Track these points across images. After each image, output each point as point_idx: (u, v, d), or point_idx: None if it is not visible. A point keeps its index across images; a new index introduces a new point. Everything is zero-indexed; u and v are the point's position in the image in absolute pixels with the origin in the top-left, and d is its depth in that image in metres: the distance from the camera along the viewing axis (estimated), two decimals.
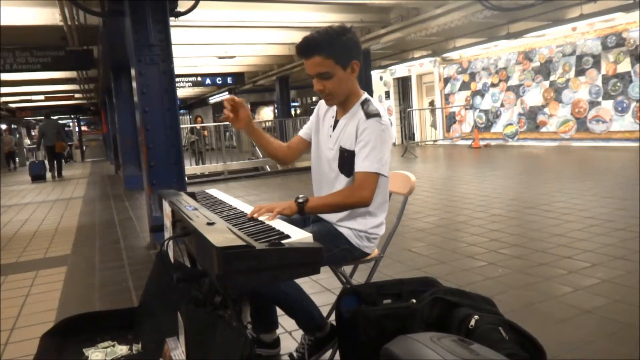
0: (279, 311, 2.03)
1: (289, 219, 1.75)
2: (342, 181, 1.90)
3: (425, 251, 3.75)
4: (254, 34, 9.54)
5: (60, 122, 18.30)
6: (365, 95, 1.92)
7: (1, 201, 8.88)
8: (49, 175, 13.24)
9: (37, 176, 12.90)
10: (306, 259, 1.29)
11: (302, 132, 2.12)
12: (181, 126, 5.14)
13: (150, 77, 4.34)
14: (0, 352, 2.52)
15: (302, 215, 1.80)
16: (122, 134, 9.86)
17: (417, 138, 15.50)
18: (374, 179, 1.77)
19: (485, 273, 3.15)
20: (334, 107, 2.00)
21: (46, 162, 13.96)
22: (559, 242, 3.66)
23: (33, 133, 32.57)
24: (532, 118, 11.81)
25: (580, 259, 3.26)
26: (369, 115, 1.82)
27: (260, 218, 1.67)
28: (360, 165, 1.78)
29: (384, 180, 1.87)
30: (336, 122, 1.95)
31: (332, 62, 1.77)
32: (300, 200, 1.75)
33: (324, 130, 2.01)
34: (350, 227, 1.91)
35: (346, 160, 1.87)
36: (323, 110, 2.06)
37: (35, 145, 18.17)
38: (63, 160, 14.57)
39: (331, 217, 1.95)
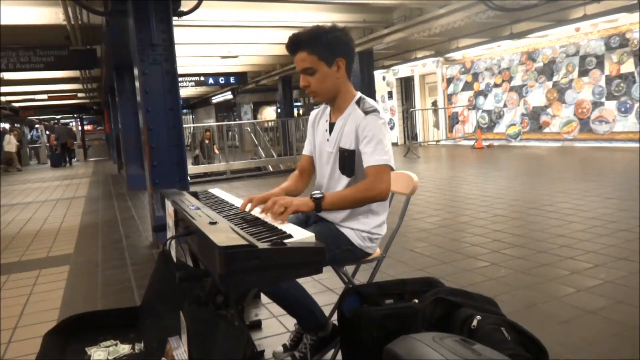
0: (279, 310, 2.04)
1: (291, 219, 1.75)
2: (343, 182, 1.91)
3: (427, 251, 3.75)
4: (257, 33, 9.55)
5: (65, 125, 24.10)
6: (359, 94, 1.94)
7: (5, 200, 8.90)
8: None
9: (56, 163, 18.86)
10: (308, 259, 1.29)
11: (306, 150, 2.13)
12: (184, 126, 5.15)
13: (153, 77, 4.34)
14: (3, 350, 2.53)
15: (318, 212, 1.77)
16: (125, 134, 9.87)
17: (420, 138, 15.49)
18: (387, 171, 1.78)
19: (487, 273, 3.15)
20: (327, 112, 2.02)
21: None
22: (561, 243, 3.66)
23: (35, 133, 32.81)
24: (535, 118, 11.79)
25: (583, 260, 3.25)
26: (367, 111, 1.84)
27: (266, 217, 1.65)
28: (370, 159, 1.78)
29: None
30: (331, 124, 1.96)
31: (315, 58, 1.80)
32: (317, 196, 1.72)
33: (319, 136, 2.03)
34: (352, 227, 1.91)
35: (347, 160, 1.87)
36: (314, 119, 2.10)
37: (39, 145, 22.95)
38: (72, 153, 20.77)
39: (334, 218, 1.95)
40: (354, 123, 1.85)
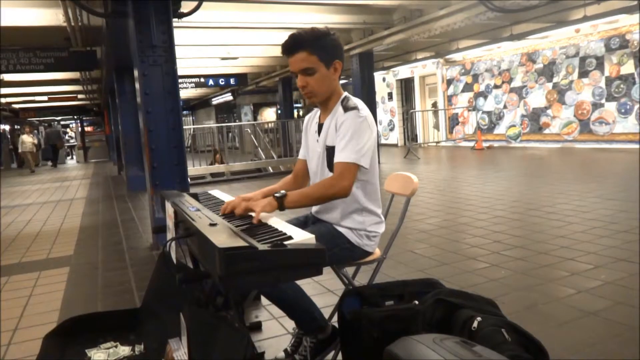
0: (279, 311, 2.03)
1: (290, 220, 1.75)
2: None
3: (427, 253, 3.75)
4: (257, 35, 9.55)
5: (56, 127, 24.85)
6: (345, 93, 1.97)
7: (5, 202, 8.90)
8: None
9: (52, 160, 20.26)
10: (309, 260, 1.29)
11: (300, 154, 2.17)
12: (184, 127, 5.15)
13: (154, 78, 4.34)
14: (3, 352, 2.53)
15: (281, 210, 1.74)
16: (125, 135, 9.87)
17: (420, 139, 15.49)
18: (352, 169, 1.79)
19: (488, 275, 3.15)
20: (317, 115, 2.06)
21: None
22: (561, 244, 3.66)
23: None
24: (535, 120, 11.79)
25: (583, 261, 3.25)
26: (347, 108, 1.87)
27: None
28: (338, 156, 1.81)
29: (369, 172, 1.89)
30: (320, 125, 1.99)
31: (316, 58, 1.83)
32: (277, 195, 1.72)
33: (310, 138, 2.06)
34: (349, 226, 1.92)
35: (332, 157, 1.89)
36: (307, 123, 2.13)
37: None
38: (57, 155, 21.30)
39: (329, 218, 1.96)
40: (336, 120, 1.88)
